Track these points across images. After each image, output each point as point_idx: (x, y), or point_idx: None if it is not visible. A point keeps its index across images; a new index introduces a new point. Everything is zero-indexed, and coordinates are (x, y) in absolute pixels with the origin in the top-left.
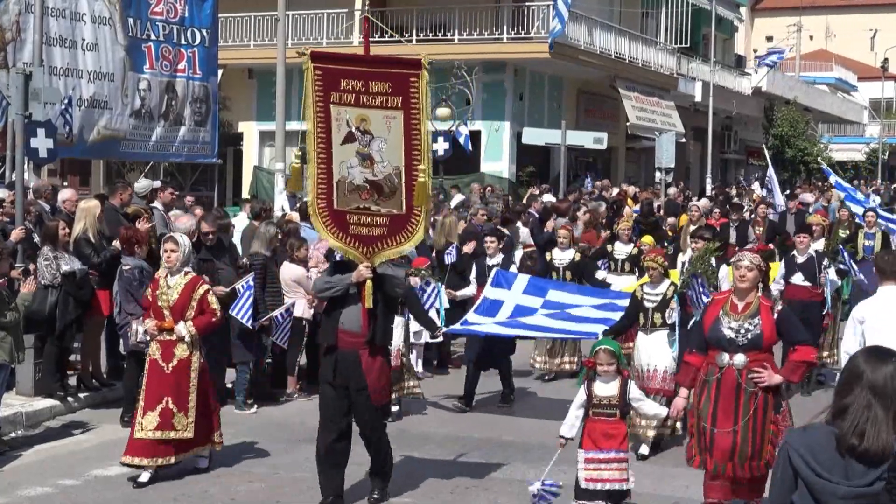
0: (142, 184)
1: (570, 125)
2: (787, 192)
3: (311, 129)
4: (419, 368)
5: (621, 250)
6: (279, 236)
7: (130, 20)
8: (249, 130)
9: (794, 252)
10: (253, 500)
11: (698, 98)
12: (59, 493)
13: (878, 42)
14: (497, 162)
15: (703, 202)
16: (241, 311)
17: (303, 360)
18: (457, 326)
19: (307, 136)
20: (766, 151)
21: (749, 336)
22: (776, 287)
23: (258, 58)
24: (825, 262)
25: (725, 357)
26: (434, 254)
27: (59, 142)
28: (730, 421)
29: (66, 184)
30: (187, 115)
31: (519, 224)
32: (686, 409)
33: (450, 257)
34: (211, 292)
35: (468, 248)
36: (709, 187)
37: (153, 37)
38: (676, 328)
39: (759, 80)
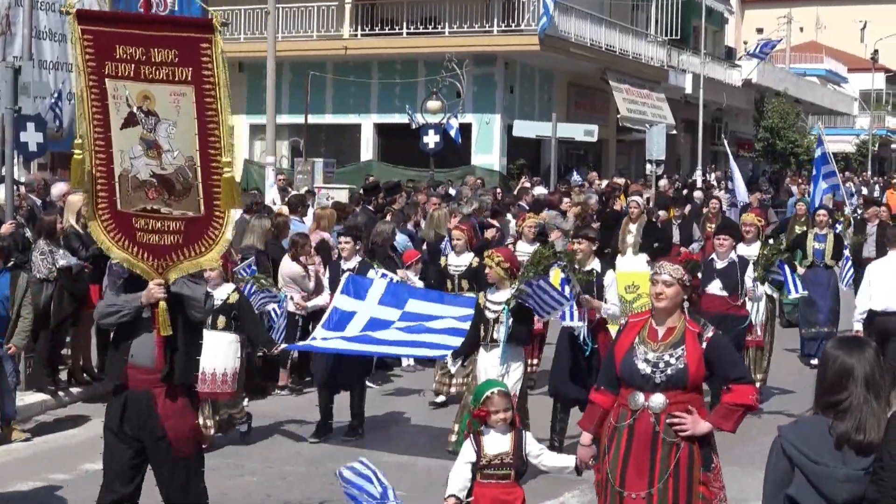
0: None
1: (560, 118)
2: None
3: (83, 110)
4: (410, 362)
5: (524, 250)
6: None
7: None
8: (240, 124)
9: (713, 256)
10: (244, 493)
11: (689, 90)
12: (50, 487)
13: (868, 33)
14: (488, 155)
15: (639, 199)
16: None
17: (295, 353)
18: (299, 342)
19: (77, 118)
20: (724, 141)
21: (670, 371)
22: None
23: (248, 51)
24: (752, 272)
25: (640, 398)
26: (425, 247)
27: (49, 136)
28: (644, 481)
29: (58, 178)
30: None
31: (509, 216)
32: (593, 460)
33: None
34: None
35: None
36: (699, 179)
37: None
38: (501, 344)
39: (749, 72)
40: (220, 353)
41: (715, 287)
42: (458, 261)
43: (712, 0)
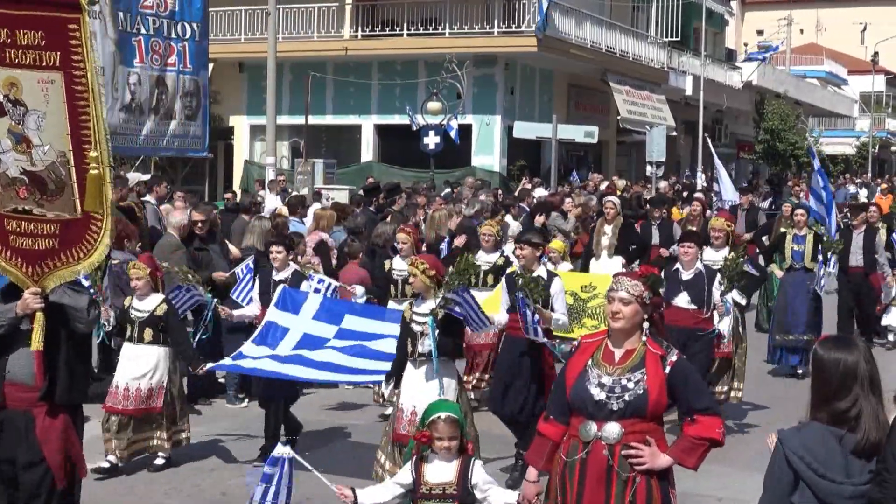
0: (130, 177)
1: (560, 119)
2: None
3: None
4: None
5: (483, 259)
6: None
7: (120, 14)
8: (240, 124)
9: (678, 266)
10: (244, 493)
11: (689, 92)
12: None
13: (869, 36)
14: (488, 156)
15: (614, 199)
16: (243, 294)
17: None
18: (226, 361)
19: None
20: (707, 140)
21: (627, 397)
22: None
23: (249, 52)
24: (721, 282)
25: (592, 427)
26: (425, 248)
27: None
28: None
29: None
30: (178, 109)
31: (508, 217)
32: (540, 497)
33: (443, 252)
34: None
35: (459, 241)
36: (700, 181)
37: (143, 31)
38: (434, 360)
39: (749, 73)
40: (145, 368)
41: (682, 300)
42: (403, 265)
43: (713, 2)
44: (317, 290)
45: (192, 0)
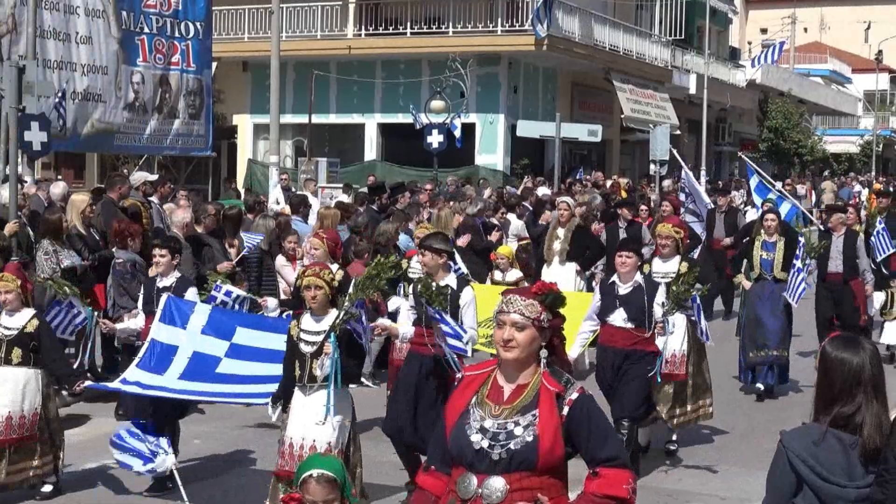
0: (135, 176)
1: (564, 118)
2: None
3: None
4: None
5: (415, 270)
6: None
7: (124, 13)
8: (243, 123)
9: (615, 278)
10: (245, 493)
11: (692, 90)
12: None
13: (873, 34)
14: (492, 155)
15: (569, 200)
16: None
17: None
18: (110, 384)
19: None
20: (674, 153)
21: (513, 445)
22: (585, 331)
23: (252, 51)
24: (663, 301)
25: (472, 482)
26: None
27: (53, 135)
28: None
29: (60, 177)
30: (181, 108)
31: (512, 216)
32: None
33: None
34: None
35: (462, 241)
36: (703, 180)
37: (147, 30)
38: (331, 386)
39: (753, 72)
40: (12, 393)
41: (618, 317)
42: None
43: (716, 0)
44: (223, 303)
45: None
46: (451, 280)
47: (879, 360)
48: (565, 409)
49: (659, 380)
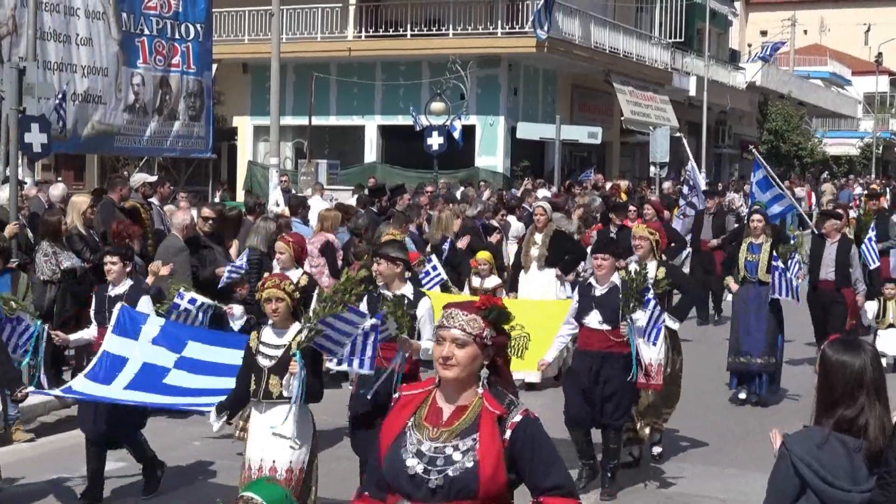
0: (135, 177)
1: (564, 120)
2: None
3: None
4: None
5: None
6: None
7: (124, 15)
8: (244, 125)
9: (591, 280)
10: None
11: (692, 93)
12: (52, 488)
13: (873, 36)
14: (491, 156)
15: (545, 204)
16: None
17: None
18: (54, 391)
19: None
20: (684, 141)
21: (451, 472)
22: (563, 334)
23: (252, 53)
24: (629, 302)
25: None
26: (430, 249)
27: (53, 137)
28: None
29: (59, 179)
30: (181, 109)
31: (512, 218)
32: None
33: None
34: None
35: (462, 243)
36: (702, 182)
37: (147, 31)
38: (293, 403)
39: (753, 74)
40: None
41: (593, 319)
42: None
43: (716, 2)
44: (187, 311)
45: (195, 1)
46: (406, 290)
47: (880, 362)
48: (507, 433)
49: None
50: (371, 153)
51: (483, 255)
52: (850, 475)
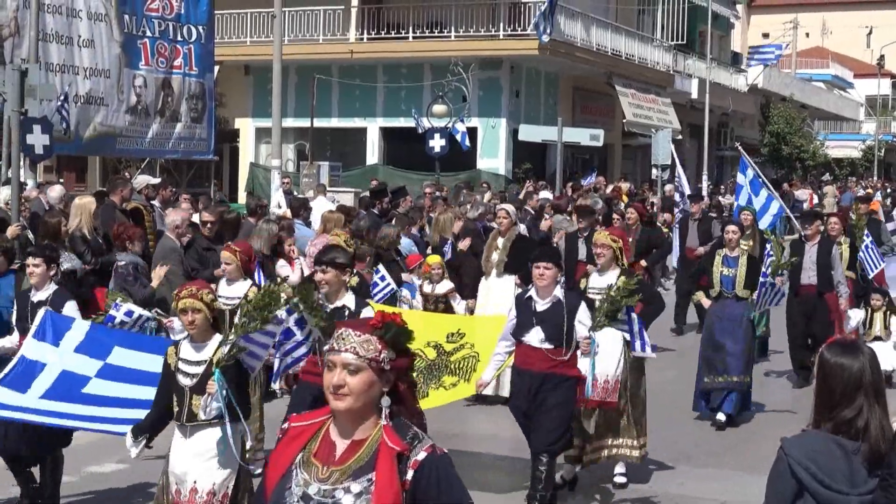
0: (138, 179)
1: (566, 122)
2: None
3: None
4: None
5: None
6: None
7: (126, 16)
8: (245, 127)
9: (532, 292)
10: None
11: (694, 95)
12: None
13: (875, 39)
14: (493, 159)
15: (509, 207)
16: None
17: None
18: None
19: None
20: (672, 153)
21: None
22: (500, 351)
23: (254, 54)
24: (586, 316)
25: None
26: (430, 250)
27: (56, 138)
28: None
29: (62, 181)
30: (183, 111)
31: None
32: None
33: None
34: None
35: (463, 244)
36: (705, 185)
37: (149, 33)
38: (227, 426)
39: (755, 77)
40: None
41: (534, 336)
42: (229, 291)
43: (718, 5)
44: (123, 323)
45: (197, 3)
46: (348, 300)
47: (878, 365)
48: (409, 473)
49: (583, 407)
50: (373, 155)
51: (434, 259)
52: (848, 478)
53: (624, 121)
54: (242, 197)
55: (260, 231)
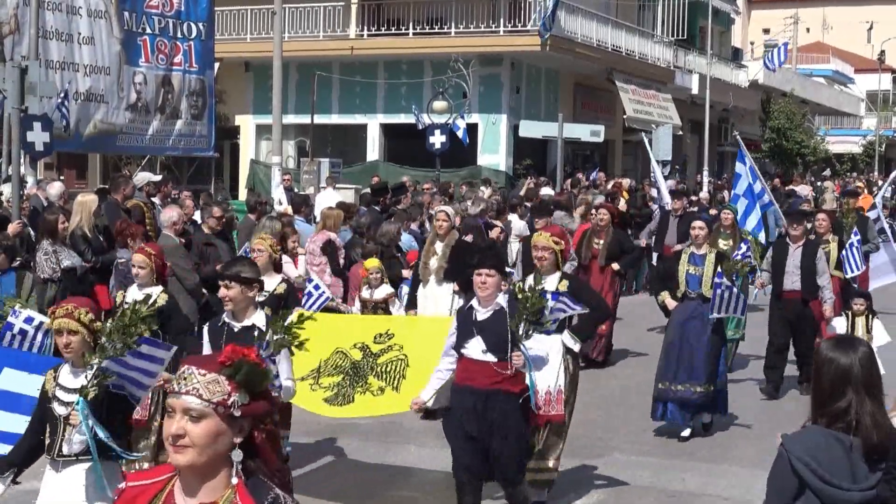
0: (139, 177)
1: (566, 118)
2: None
3: None
4: None
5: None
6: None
7: (126, 13)
8: (246, 124)
9: (473, 302)
10: None
11: (695, 91)
12: None
13: (875, 34)
14: (494, 155)
15: (449, 210)
16: None
17: None
18: None
19: None
20: (644, 139)
21: None
22: (442, 368)
23: (255, 51)
24: (521, 326)
25: None
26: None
27: (56, 135)
28: None
29: (62, 178)
30: (184, 108)
31: (514, 217)
32: None
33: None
34: None
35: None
36: (706, 181)
37: (149, 30)
38: (97, 463)
39: (755, 72)
40: None
41: (475, 348)
42: (139, 296)
43: (719, 0)
44: (23, 331)
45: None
46: (258, 319)
47: (872, 361)
48: None
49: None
50: (373, 152)
51: (372, 263)
52: (849, 473)
53: (624, 117)
54: (243, 194)
55: (262, 228)
